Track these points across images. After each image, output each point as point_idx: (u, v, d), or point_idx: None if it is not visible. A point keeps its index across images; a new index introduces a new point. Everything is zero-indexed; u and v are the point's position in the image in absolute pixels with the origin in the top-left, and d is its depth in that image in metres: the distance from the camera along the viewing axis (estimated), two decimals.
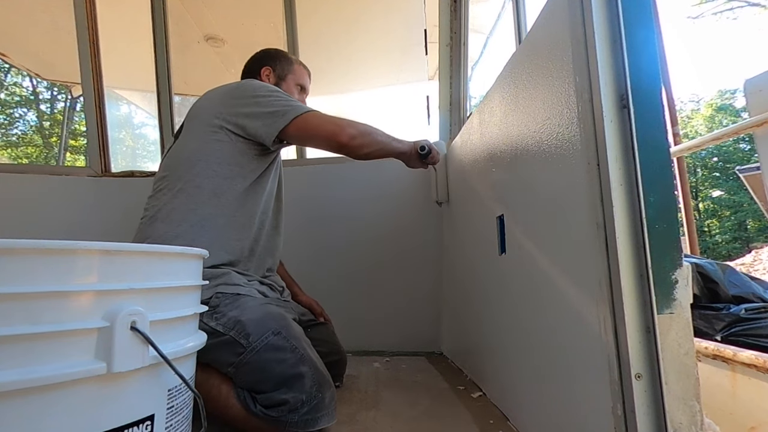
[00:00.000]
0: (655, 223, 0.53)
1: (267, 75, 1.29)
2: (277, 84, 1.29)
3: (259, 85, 1.11)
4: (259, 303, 0.98)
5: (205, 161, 1.06)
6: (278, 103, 1.07)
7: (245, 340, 0.87)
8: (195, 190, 1.04)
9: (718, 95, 21.41)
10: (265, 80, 1.28)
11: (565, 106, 0.66)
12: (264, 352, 0.87)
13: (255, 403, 0.86)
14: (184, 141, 1.11)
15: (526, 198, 0.85)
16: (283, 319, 0.94)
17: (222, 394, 0.88)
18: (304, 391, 0.85)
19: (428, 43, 2.11)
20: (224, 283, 0.97)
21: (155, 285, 0.58)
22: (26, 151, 13.82)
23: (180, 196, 1.04)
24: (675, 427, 0.50)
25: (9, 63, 3.42)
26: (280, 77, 1.31)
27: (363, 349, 1.72)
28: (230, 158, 1.07)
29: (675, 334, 0.52)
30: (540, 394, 0.79)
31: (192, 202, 1.03)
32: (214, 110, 1.09)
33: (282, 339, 0.89)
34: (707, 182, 20.65)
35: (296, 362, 0.87)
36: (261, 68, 1.30)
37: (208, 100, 1.13)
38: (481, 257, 1.19)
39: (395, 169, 1.83)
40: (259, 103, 1.07)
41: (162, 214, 1.04)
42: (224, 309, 0.92)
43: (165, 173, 1.10)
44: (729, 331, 1.23)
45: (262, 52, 1.35)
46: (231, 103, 1.09)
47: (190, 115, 1.15)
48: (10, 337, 0.44)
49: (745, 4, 16.88)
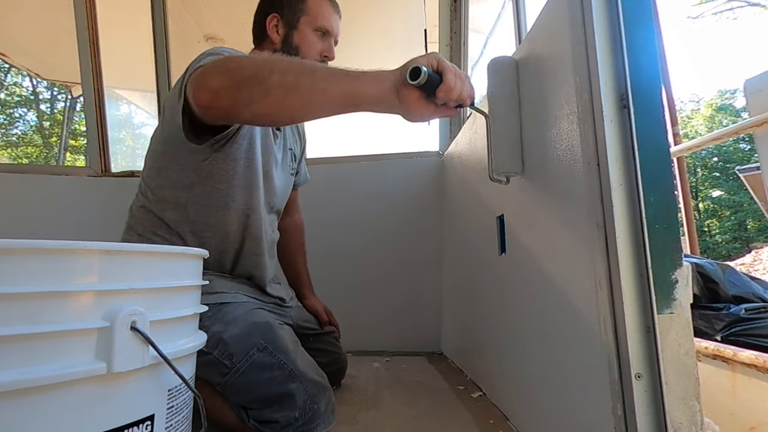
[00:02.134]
0: (655, 223, 0.53)
1: (274, 26, 1.00)
2: (286, 34, 0.99)
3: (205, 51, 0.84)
4: (245, 311, 0.88)
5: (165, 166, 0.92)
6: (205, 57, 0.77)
7: (229, 361, 0.81)
8: (155, 198, 0.92)
9: (718, 95, 21.42)
10: (273, 34, 1.00)
11: (565, 106, 0.66)
12: (249, 373, 0.81)
13: (248, 418, 0.84)
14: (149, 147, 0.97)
15: (526, 198, 0.85)
16: (270, 329, 0.86)
17: (217, 405, 0.86)
18: (296, 408, 0.81)
19: (428, 43, 2.11)
20: (206, 293, 0.82)
21: (155, 285, 0.58)
22: (26, 151, 13.83)
23: (146, 205, 0.94)
24: (675, 427, 0.50)
25: (9, 63, 3.42)
26: (290, 26, 0.99)
27: (363, 349, 1.72)
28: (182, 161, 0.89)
29: (675, 334, 0.52)
30: (540, 394, 0.79)
31: (156, 209, 0.92)
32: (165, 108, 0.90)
33: (268, 355, 0.83)
34: (707, 182, 20.65)
35: (285, 379, 0.82)
36: (266, 18, 1.00)
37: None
38: (481, 257, 1.19)
39: (396, 168, 1.83)
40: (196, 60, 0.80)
41: (133, 221, 0.96)
42: (207, 323, 0.82)
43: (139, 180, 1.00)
44: (729, 331, 1.23)
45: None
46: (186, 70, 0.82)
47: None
48: (10, 337, 0.44)
49: (745, 4, 16.88)
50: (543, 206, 0.77)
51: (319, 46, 1.00)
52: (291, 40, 0.98)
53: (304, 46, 0.98)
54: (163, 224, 0.93)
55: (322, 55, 1.02)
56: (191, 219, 0.92)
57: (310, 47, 0.99)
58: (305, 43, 0.98)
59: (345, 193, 1.85)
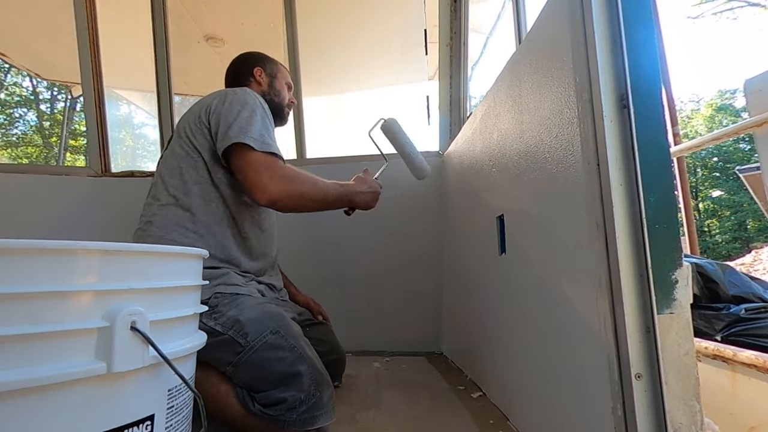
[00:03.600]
0: (655, 223, 0.53)
1: (259, 75, 1.28)
2: (270, 83, 1.29)
3: (248, 96, 1.06)
4: (258, 302, 0.98)
5: (193, 167, 1.05)
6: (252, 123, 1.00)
7: (243, 339, 0.88)
8: (185, 197, 1.04)
9: (718, 95, 21.41)
10: (259, 80, 1.27)
11: (565, 106, 0.66)
12: (262, 351, 0.87)
13: (253, 402, 0.86)
14: (172, 148, 1.10)
15: (526, 198, 0.85)
16: (282, 318, 0.95)
17: (221, 394, 0.88)
18: (302, 389, 0.85)
19: (428, 43, 2.11)
20: (223, 283, 0.98)
21: (155, 285, 0.58)
22: (26, 151, 13.82)
23: (173, 203, 1.04)
24: (675, 427, 0.50)
25: (9, 63, 3.42)
26: (271, 76, 1.30)
27: (363, 349, 1.72)
28: (211, 165, 1.05)
29: (675, 334, 0.52)
30: (540, 394, 0.79)
31: (185, 208, 1.03)
32: (204, 107, 1.07)
33: (280, 338, 0.90)
34: (707, 182, 20.65)
35: (294, 361, 0.88)
36: (252, 69, 1.27)
37: (197, 106, 1.11)
38: (481, 257, 1.19)
39: (396, 170, 1.83)
40: (236, 109, 1.02)
41: (157, 219, 1.03)
42: (223, 309, 0.92)
43: (157, 180, 1.10)
44: (729, 331, 1.23)
45: (245, 55, 1.33)
46: (219, 101, 1.05)
47: (180, 122, 1.14)
48: (10, 337, 0.44)
49: (745, 4, 16.88)
50: (543, 206, 0.77)
51: (288, 95, 1.34)
52: (274, 86, 1.30)
53: (282, 92, 1.32)
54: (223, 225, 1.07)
55: (290, 101, 1.35)
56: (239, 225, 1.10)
57: (284, 93, 1.32)
58: (282, 89, 1.32)
59: None
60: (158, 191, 1.08)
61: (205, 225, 1.03)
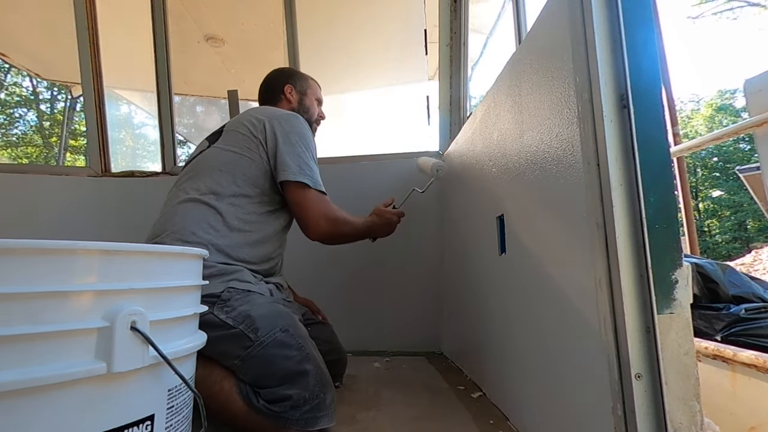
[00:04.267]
0: (655, 223, 0.53)
1: (290, 92, 1.37)
2: (299, 100, 1.38)
3: (303, 128, 1.18)
4: (267, 301, 1.01)
5: (231, 174, 1.10)
6: (308, 161, 1.13)
7: (254, 334, 0.90)
8: (217, 196, 1.08)
9: (718, 95, 21.40)
10: (289, 97, 1.37)
11: (565, 106, 0.66)
12: (271, 347, 0.89)
13: (258, 398, 0.87)
14: (218, 149, 1.16)
15: (526, 198, 0.85)
16: (291, 317, 0.98)
17: (224, 390, 0.88)
18: (307, 388, 0.87)
19: (428, 43, 2.11)
20: (236, 279, 1.00)
21: (155, 285, 0.58)
22: (26, 151, 13.82)
23: (203, 199, 1.08)
24: (675, 427, 0.50)
25: (9, 63, 3.42)
26: (301, 93, 1.39)
27: (363, 349, 1.72)
28: (254, 179, 1.12)
29: (675, 334, 0.52)
30: (540, 394, 0.79)
31: (213, 206, 1.07)
32: (258, 126, 1.15)
33: (289, 336, 0.92)
34: (707, 182, 20.64)
35: (302, 360, 0.90)
36: (284, 86, 1.36)
37: (254, 118, 1.17)
38: (481, 257, 1.19)
39: (396, 169, 1.83)
40: (298, 144, 1.14)
41: (182, 209, 1.07)
42: (235, 303, 0.95)
43: (192, 174, 1.14)
44: (729, 331, 1.23)
45: (278, 71, 1.42)
46: (275, 125, 1.14)
47: (231, 126, 1.20)
48: (10, 337, 0.44)
49: (745, 4, 16.88)
50: (543, 206, 0.77)
51: (317, 110, 1.43)
52: (304, 103, 1.39)
53: (311, 108, 1.41)
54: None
55: (319, 116, 1.45)
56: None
57: (313, 109, 1.42)
58: (311, 106, 1.41)
59: (345, 192, 1.85)
60: (191, 184, 1.11)
61: (228, 226, 1.06)
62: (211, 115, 4.41)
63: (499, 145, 1.01)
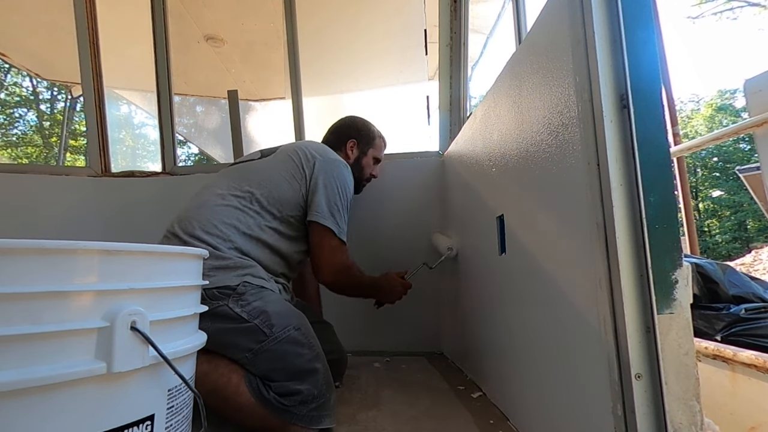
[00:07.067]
0: (655, 223, 0.53)
1: (351, 147, 1.43)
2: (357, 158, 1.44)
3: (347, 179, 1.23)
4: (279, 299, 1.04)
5: (269, 189, 1.15)
6: (341, 209, 1.19)
7: (269, 330, 0.93)
8: (245, 202, 1.12)
9: (718, 95, 21.40)
10: (348, 152, 1.42)
11: (565, 107, 0.66)
12: (285, 344, 0.92)
13: (269, 390, 0.88)
14: (266, 164, 1.22)
15: (526, 198, 0.85)
16: (303, 317, 1.01)
17: (232, 382, 0.89)
18: (317, 386, 0.90)
19: (428, 43, 2.11)
20: (251, 275, 1.03)
21: (155, 285, 0.58)
22: (26, 151, 13.82)
23: (234, 200, 1.13)
24: (675, 427, 0.50)
25: (9, 63, 3.42)
26: (362, 152, 1.45)
27: (363, 349, 1.72)
28: (286, 203, 1.16)
29: (675, 334, 0.52)
30: (540, 394, 0.79)
31: (239, 209, 1.11)
32: (310, 161, 1.20)
33: (302, 335, 0.96)
34: (707, 182, 20.64)
35: (312, 358, 0.93)
36: (348, 140, 1.43)
37: (309, 152, 1.23)
38: (481, 257, 1.19)
39: (396, 169, 1.83)
40: (338, 191, 1.19)
41: (212, 203, 1.11)
42: (249, 298, 0.97)
43: (234, 176, 1.20)
44: (729, 331, 1.23)
45: (350, 120, 1.48)
46: (324, 167, 1.20)
47: (286, 149, 1.25)
48: (10, 337, 0.44)
49: (745, 4, 16.87)
50: (543, 206, 0.77)
51: (371, 169, 1.49)
52: (360, 162, 1.44)
53: (366, 168, 1.46)
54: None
55: (372, 174, 1.51)
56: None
57: (368, 169, 1.47)
58: (367, 166, 1.46)
59: None
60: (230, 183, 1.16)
61: (250, 230, 1.10)
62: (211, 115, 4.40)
63: (499, 145, 1.01)
